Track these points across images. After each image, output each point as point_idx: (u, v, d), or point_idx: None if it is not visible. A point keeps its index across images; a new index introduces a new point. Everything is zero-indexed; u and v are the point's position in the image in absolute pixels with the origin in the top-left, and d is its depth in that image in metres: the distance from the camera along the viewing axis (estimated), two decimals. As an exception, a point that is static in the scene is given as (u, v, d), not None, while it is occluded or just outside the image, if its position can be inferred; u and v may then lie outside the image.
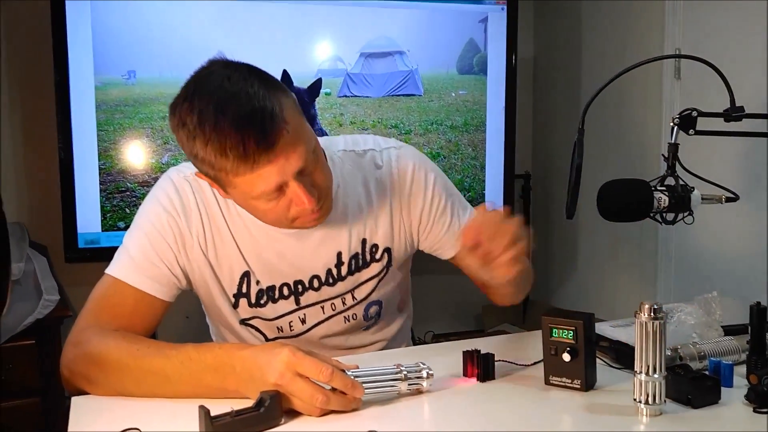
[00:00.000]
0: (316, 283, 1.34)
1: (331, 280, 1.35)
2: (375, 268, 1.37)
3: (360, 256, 1.36)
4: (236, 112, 1.05)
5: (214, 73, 1.10)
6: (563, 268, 3.43)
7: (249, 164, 1.07)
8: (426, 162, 1.41)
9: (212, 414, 0.94)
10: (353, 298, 1.38)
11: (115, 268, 1.25)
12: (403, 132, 3.00)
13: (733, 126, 1.30)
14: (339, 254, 1.34)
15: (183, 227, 1.27)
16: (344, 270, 1.35)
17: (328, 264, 1.34)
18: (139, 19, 2.64)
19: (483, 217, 1.10)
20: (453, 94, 3.06)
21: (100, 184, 2.61)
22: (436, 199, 1.38)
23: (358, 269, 1.36)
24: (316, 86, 2.84)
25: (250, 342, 1.37)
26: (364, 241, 1.35)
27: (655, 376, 1.00)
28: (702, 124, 1.28)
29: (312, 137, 1.16)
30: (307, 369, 1.00)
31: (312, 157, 1.15)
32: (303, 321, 1.37)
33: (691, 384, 1.05)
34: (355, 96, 2.92)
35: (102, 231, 2.61)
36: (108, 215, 2.60)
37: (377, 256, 1.37)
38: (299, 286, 1.34)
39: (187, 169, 1.29)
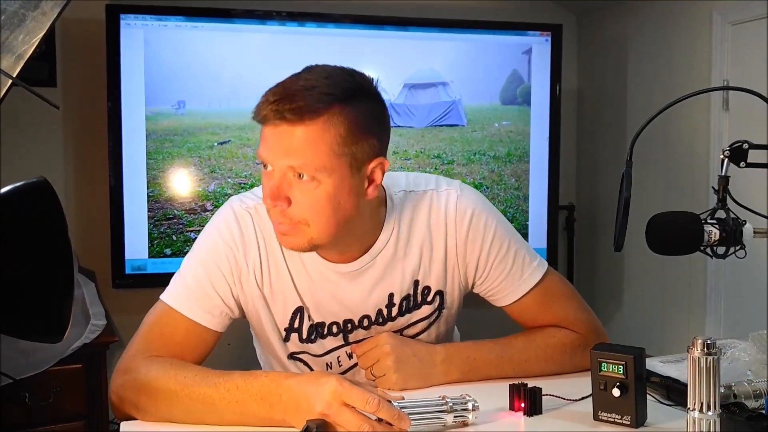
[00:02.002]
0: (365, 323, 1.33)
1: (381, 320, 1.33)
2: (426, 310, 1.35)
3: (411, 298, 1.34)
4: (300, 77, 1.13)
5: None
6: (608, 301, 3.37)
7: (258, 115, 1.12)
8: (487, 207, 1.37)
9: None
10: None
11: (169, 296, 1.26)
12: (445, 162, 3.01)
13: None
14: (391, 295, 1.32)
15: (240, 259, 1.26)
16: (395, 311, 1.33)
17: (379, 305, 1.32)
18: (189, 51, 2.71)
19: None
20: (496, 125, 3.06)
21: (149, 211, 2.66)
22: (496, 246, 1.34)
23: (409, 310, 1.34)
24: (360, 117, 2.86)
25: None
26: (416, 283, 1.33)
27: (709, 413, 0.97)
28: (752, 155, 1.26)
29: (335, 171, 1.13)
30: (354, 399, 1.01)
31: (311, 175, 1.12)
32: (350, 356, 1.35)
33: (747, 423, 1.02)
34: (399, 126, 2.94)
35: (149, 258, 2.65)
36: (155, 242, 2.64)
37: (429, 299, 1.35)
38: (348, 325, 1.33)
39: (250, 199, 1.30)
